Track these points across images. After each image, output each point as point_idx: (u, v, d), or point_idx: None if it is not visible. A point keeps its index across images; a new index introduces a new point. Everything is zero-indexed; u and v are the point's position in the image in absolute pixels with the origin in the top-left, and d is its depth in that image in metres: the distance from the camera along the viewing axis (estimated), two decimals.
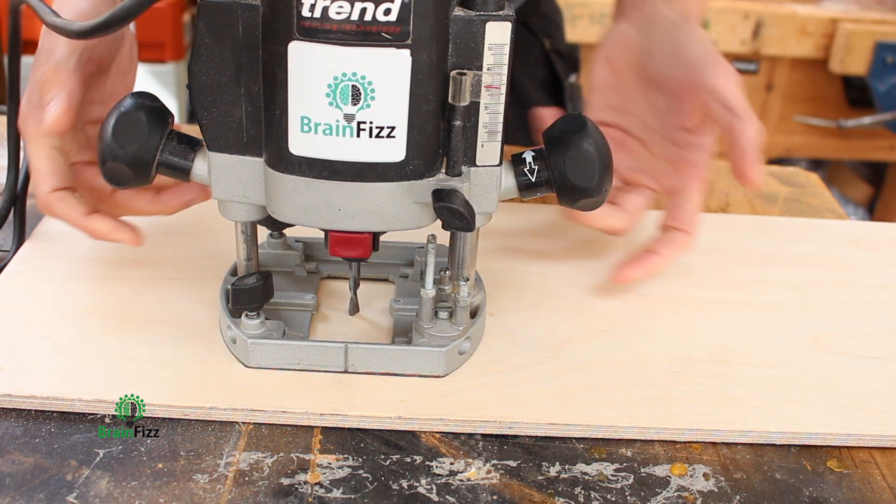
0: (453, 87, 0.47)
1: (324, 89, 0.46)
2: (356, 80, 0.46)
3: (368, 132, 0.47)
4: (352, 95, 0.46)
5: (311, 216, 0.50)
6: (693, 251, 0.67)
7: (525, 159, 0.53)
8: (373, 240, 0.52)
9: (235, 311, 0.56)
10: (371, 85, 0.46)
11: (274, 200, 0.50)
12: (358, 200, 0.49)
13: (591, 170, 0.52)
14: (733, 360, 0.59)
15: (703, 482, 0.50)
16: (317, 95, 0.46)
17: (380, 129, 0.47)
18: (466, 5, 0.47)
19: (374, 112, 0.46)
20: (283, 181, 0.49)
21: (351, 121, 0.47)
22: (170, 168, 0.52)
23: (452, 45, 0.47)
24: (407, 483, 0.49)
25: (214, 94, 0.49)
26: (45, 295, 0.60)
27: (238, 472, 0.48)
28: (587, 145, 0.52)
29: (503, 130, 0.50)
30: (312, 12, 0.44)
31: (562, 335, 0.60)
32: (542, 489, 0.49)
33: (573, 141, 0.52)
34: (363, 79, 0.45)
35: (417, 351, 0.55)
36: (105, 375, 0.53)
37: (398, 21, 0.44)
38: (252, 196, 0.51)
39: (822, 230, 0.77)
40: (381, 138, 0.47)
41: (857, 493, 0.51)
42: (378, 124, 0.47)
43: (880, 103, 2.03)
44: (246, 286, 0.54)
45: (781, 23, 2.01)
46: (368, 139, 0.47)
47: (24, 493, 0.46)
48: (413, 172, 0.49)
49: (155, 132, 0.51)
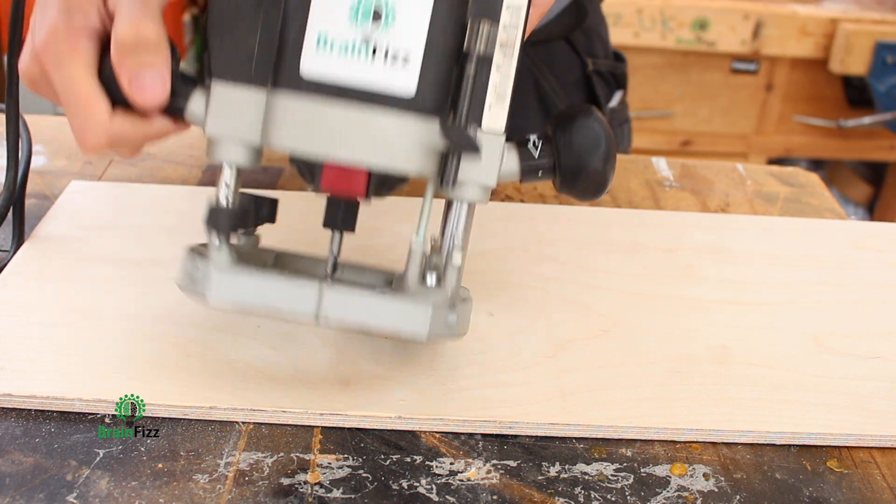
0: (470, 33, 0.48)
1: (348, 3, 0.47)
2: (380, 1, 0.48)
3: (384, 56, 0.48)
4: (374, 14, 0.47)
5: (310, 141, 0.49)
6: (693, 251, 0.68)
7: (529, 139, 0.53)
8: (368, 182, 0.50)
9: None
10: (394, 8, 0.48)
11: (272, 126, 0.49)
12: (361, 127, 0.48)
13: (598, 144, 0.52)
14: (733, 360, 0.59)
15: (703, 482, 0.50)
16: (340, 9, 0.47)
17: (395, 54, 0.48)
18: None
19: (392, 34, 0.48)
20: (286, 104, 0.49)
21: (368, 42, 0.48)
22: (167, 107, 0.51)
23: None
24: (407, 483, 0.49)
25: (233, 20, 0.49)
26: (45, 295, 0.60)
27: (238, 472, 0.48)
28: (594, 122, 0.52)
29: (511, 99, 0.50)
30: None
31: (562, 335, 0.60)
32: (542, 489, 0.49)
33: (580, 118, 0.52)
34: (387, 2, 0.48)
35: (402, 304, 0.50)
36: (105, 375, 0.53)
37: None
38: (248, 133, 0.50)
39: (822, 230, 0.77)
40: (396, 63, 0.48)
41: (857, 493, 0.51)
42: (394, 48, 0.48)
43: (880, 103, 2.03)
44: (221, 206, 0.51)
45: (781, 23, 2.01)
46: (382, 64, 0.48)
47: (24, 493, 0.46)
48: (422, 110, 0.49)
49: None
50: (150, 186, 0.75)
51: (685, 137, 2.15)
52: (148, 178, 0.78)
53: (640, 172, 0.87)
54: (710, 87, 2.11)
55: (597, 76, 0.99)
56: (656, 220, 0.75)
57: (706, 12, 1.99)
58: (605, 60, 1.00)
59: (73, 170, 0.79)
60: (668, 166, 0.89)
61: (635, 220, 0.75)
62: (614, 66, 1.02)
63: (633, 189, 0.83)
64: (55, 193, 0.73)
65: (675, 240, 0.72)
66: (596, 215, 0.76)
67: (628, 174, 0.86)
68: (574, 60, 0.98)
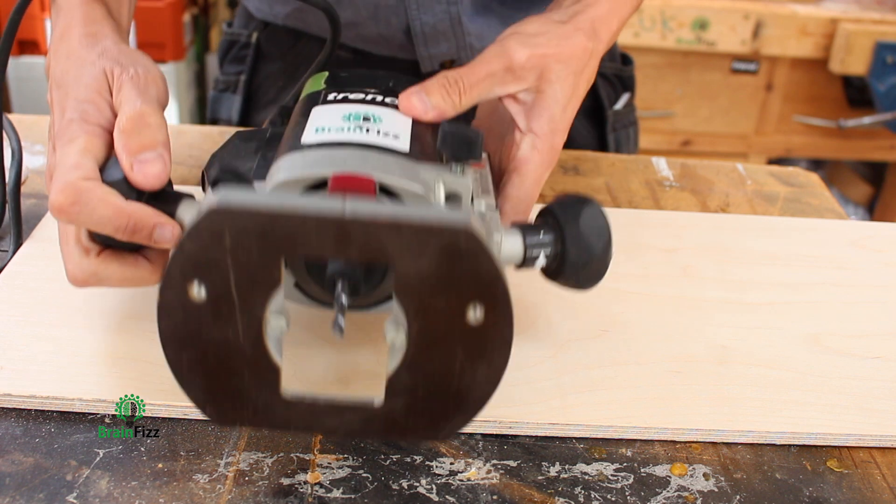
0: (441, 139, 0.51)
1: (341, 113, 0.53)
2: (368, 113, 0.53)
3: (376, 132, 0.51)
4: (363, 118, 0.52)
5: (316, 167, 0.49)
6: (693, 251, 0.67)
7: (531, 221, 0.53)
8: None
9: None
10: (380, 117, 0.53)
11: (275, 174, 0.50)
12: (363, 159, 0.49)
13: (603, 234, 0.52)
14: (733, 360, 0.59)
15: (703, 482, 0.50)
16: (334, 115, 0.53)
17: (387, 132, 0.51)
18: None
19: (382, 126, 0.52)
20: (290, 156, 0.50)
21: (362, 127, 0.51)
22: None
23: None
24: (407, 483, 0.49)
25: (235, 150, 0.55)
26: (45, 295, 0.60)
27: (238, 472, 0.48)
28: (598, 213, 0.52)
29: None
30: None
31: (562, 335, 0.60)
32: (542, 489, 0.49)
33: (585, 209, 0.52)
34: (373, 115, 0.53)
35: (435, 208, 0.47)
36: (105, 375, 0.53)
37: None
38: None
39: (822, 230, 0.77)
40: (388, 136, 0.51)
41: (857, 493, 0.51)
42: (385, 130, 0.52)
43: (880, 103, 2.03)
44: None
45: (781, 23, 2.01)
46: (377, 135, 0.51)
47: (24, 493, 0.46)
48: (418, 159, 0.50)
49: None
50: None
51: (685, 137, 2.15)
52: None
53: (640, 172, 0.87)
54: (710, 87, 2.11)
55: (600, 79, 0.98)
56: (656, 220, 0.75)
57: (706, 12, 1.99)
58: (609, 63, 1.00)
59: None
60: (668, 166, 0.89)
61: (635, 220, 0.75)
62: (620, 69, 1.01)
63: (633, 189, 0.83)
64: None
65: (675, 240, 0.72)
66: None
67: (628, 174, 0.86)
68: None
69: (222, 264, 0.42)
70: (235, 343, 0.43)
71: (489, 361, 0.44)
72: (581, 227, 0.52)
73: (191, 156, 0.83)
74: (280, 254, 0.41)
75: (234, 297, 0.42)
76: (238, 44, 1.00)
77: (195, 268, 0.42)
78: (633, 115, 1.03)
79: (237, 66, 1.00)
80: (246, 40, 0.99)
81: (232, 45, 1.01)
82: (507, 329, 0.43)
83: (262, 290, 0.42)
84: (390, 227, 0.40)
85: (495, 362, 0.44)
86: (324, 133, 0.51)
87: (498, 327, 0.43)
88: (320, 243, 0.41)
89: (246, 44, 0.99)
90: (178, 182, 0.78)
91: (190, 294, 0.42)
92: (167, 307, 0.43)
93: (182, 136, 0.86)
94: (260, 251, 0.41)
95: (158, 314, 0.43)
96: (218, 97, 1.02)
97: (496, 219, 0.53)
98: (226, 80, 1.02)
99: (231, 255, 0.41)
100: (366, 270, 0.48)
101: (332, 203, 0.40)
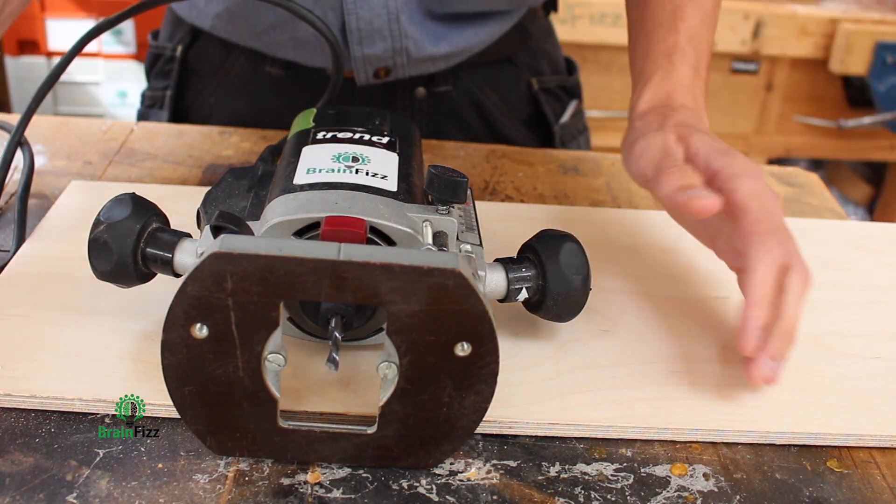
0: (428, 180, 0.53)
1: (330, 154, 0.56)
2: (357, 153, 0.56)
3: (365, 172, 0.54)
4: (352, 158, 0.55)
5: (309, 209, 0.51)
6: (693, 251, 0.67)
7: (514, 260, 0.56)
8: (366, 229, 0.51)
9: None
10: (368, 157, 0.56)
11: (268, 214, 0.52)
12: (353, 201, 0.51)
13: (583, 269, 0.55)
14: (733, 360, 0.59)
15: (703, 482, 0.50)
16: (324, 155, 0.55)
17: (375, 173, 0.54)
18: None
19: (370, 166, 0.55)
20: (283, 198, 0.52)
21: (351, 168, 0.54)
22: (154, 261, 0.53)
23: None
24: (407, 483, 0.49)
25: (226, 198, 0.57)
26: (45, 295, 0.60)
27: (238, 472, 0.48)
28: (578, 248, 0.55)
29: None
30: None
31: (562, 335, 0.60)
32: (542, 489, 0.49)
33: (562, 240, 0.55)
34: (361, 155, 0.56)
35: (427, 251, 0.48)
36: (105, 375, 0.53)
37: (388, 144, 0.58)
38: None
39: (822, 230, 0.77)
40: (377, 177, 0.54)
41: (857, 493, 0.51)
42: (373, 171, 0.54)
43: (880, 103, 2.03)
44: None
45: (781, 23, 2.01)
46: (365, 175, 0.54)
47: (24, 493, 0.46)
48: (405, 200, 0.53)
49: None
50: (150, 186, 0.75)
51: None
52: (148, 178, 0.78)
53: None
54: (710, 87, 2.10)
55: (544, 94, 0.97)
56: (656, 220, 0.75)
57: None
58: (552, 77, 0.98)
59: (73, 170, 0.79)
60: None
61: (635, 220, 0.75)
62: (564, 80, 1.00)
63: (634, 189, 0.83)
64: (55, 193, 0.73)
65: (675, 240, 0.72)
66: (596, 215, 0.76)
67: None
68: (518, 79, 0.96)
69: (223, 306, 0.44)
70: (235, 378, 0.46)
71: (476, 391, 0.47)
72: (561, 262, 0.54)
73: (191, 156, 0.83)
74: (280, 297, 0.44)
75: (235, 336, 0.45)
76: (163, 57, 0.96)
77: (197, 309, 0.44)
78: (582, 122, 1.02)
79: (163, 81, 0.96)
80: (171, 54, 0.95)
81: (157, 59, 0.97)
82: (494, 361, 0.46)
83: (262, 330, 0.45)
84: (383, 269, 0.43)
85: (482, 392, 0.47)
86: (315, 174, 0.54)
87: (485, 359, 0.46)
88: (317, 287, 0.43)
89: (171, 58, 0.95)
90: (177, 182, 0.78)
91: (192, 333, 0.45)
92: (170, 345, 0.45)
93: (182, 136, 0.86)
94: (260, 294, 0.44)
95: (162, 351, 0.46)
96: (145, 113, 0.98)
97: (481, 254, 0.55)
98: (152, 95, 0.97)
99: (232, 298, 0.44)
100: (357, 306, 0.50)
101: (328, 249, 0.44)
